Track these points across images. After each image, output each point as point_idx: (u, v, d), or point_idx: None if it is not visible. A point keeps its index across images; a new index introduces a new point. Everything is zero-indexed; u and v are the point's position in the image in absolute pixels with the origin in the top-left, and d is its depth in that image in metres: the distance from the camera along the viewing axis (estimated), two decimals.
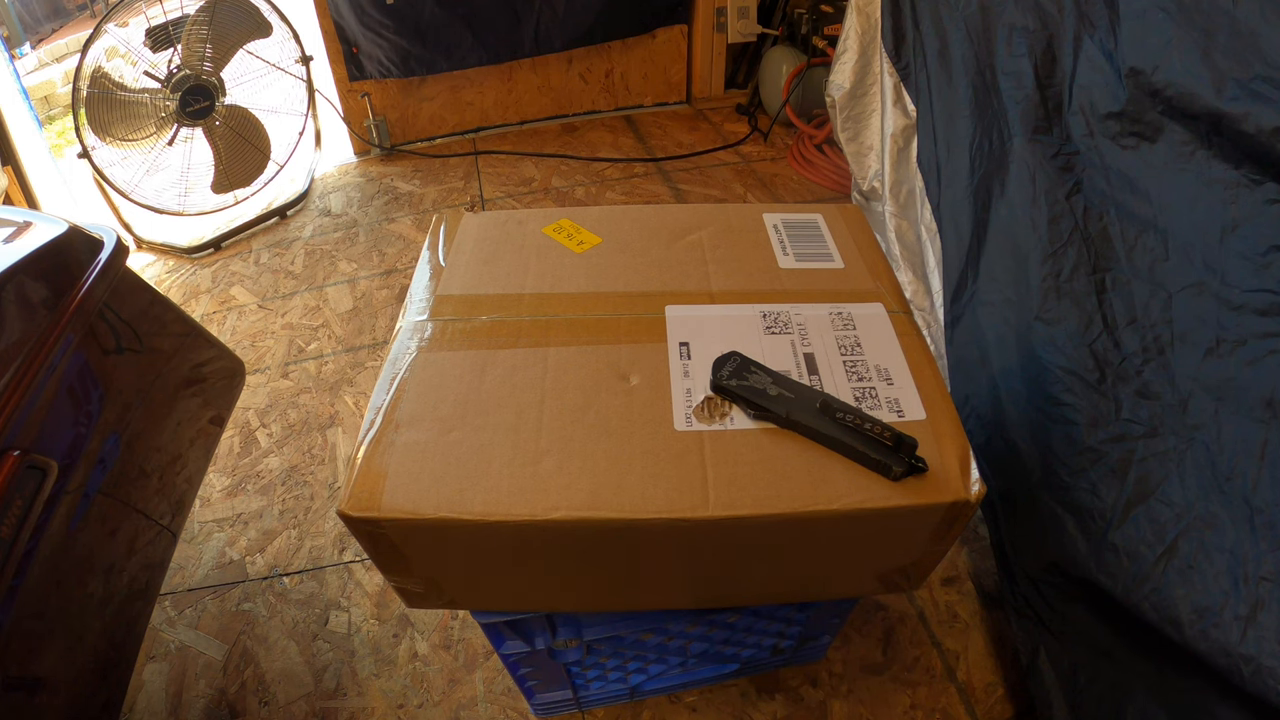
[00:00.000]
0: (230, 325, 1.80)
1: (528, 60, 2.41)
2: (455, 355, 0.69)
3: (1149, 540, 0.75)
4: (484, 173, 2.34)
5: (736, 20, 2.44)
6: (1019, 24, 1.05)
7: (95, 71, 1.76)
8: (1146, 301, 0.81)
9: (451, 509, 0.57)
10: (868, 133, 1.71)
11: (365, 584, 1.20)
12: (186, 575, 1.23)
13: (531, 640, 0.79)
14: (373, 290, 1.86)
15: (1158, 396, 0.78)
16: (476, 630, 1.12)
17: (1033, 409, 0.93)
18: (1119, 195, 0.87)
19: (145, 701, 1.07)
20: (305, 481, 1.37)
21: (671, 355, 0.68)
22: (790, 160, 2.28)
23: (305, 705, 1.05)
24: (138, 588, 0.83)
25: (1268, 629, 0.62)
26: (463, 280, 0.78)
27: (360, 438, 0.62)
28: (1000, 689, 1.02)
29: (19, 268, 0.74)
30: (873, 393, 0.65)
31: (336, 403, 1.54)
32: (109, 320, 0.83)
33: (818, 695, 1.03)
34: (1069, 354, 0.88)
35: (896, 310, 0.73)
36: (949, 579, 1.16)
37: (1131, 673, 0.78)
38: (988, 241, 1.11)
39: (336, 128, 2.44)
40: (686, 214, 0.87)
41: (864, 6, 1.58)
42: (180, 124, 1.94)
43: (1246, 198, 0.70)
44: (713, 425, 0.62)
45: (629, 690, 0.98)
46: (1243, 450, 0.68)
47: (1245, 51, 0.69)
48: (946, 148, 1.26)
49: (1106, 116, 0.88)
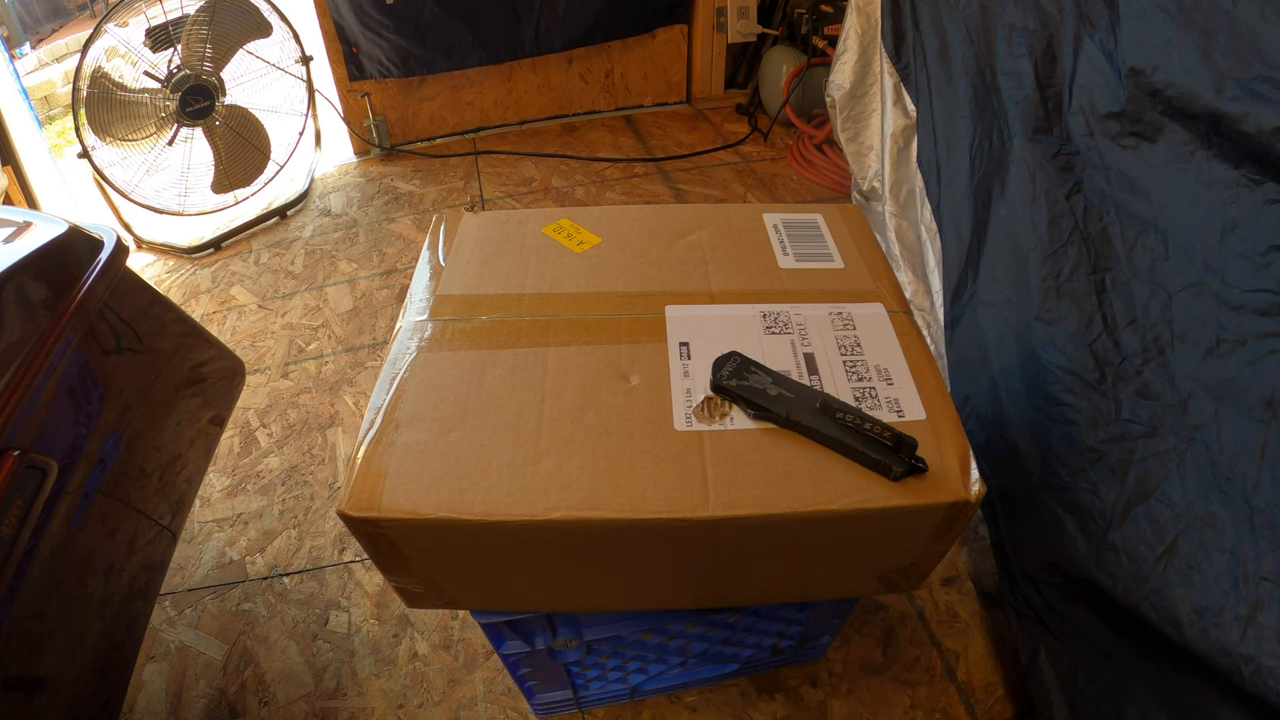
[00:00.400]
0: (230, 325, 1.80)
1: (528, 60, 2.41)
2: (455, 355, 0.69)
3: (1149, 540, 0.75)
4: (484, 173, 2.34)
5: (736, 20, 2.44)
6: (1019, 24, 1.05)
7: (95, 71, 1.76)
8: (1146, 301, 0.81)
9: (451, 509, 0.57)
10: (868, 133, 1.71)
11: (365, 584, 1.20)
12: (186, 575, 1.23)
13: (531, 640, 0.79)
14: (373, 290, 1.86)
15: (1158, 396, 0.78)
16: (476, 630, 1.12)
17: (1033, 409, 0.93)
18: (1119, 195, 0.87)
19: (145, 701, 1.07)
20: (305, 481, 1.37)
21: (671, 355, 0.68)
22: (790, 160, 2.28)
23: (305, 705, 1.05)
24: (138, 588, 0.83)
25: (1268, 629, 0.62)
26: (463, 280, 0.78)
27: (360, 438, 0.62)
28: (1000, 689, 1.02)
29: (19, 268, 0.74)
30: (873, 393, 0.65)
31: (336, 403, 1.54)
32: (109, 320, 0.83)
33: (818, 695, 1.03)
34: (1069, 354, 0.88)
35: (896, 310, 0.73)
36: (949, 579, 1.16)
37: (1131, 673, 0.78)
38: (988, 241, 1.11)
39: (336, 128, 2.44)
40: (686, 214, 0.87)
41: (864, 6, 1.58)
42: (180, 124, 1.94)
43: (1246, 198, 0.70)
44: (713, 425, 0.62)
45: (629, 690, 0.98)
46: (1243, 450, 0.68)
47: (1245, 51, 0.69)
48: (946, 148, 1.26)
49: (1106, 116, 0.88)
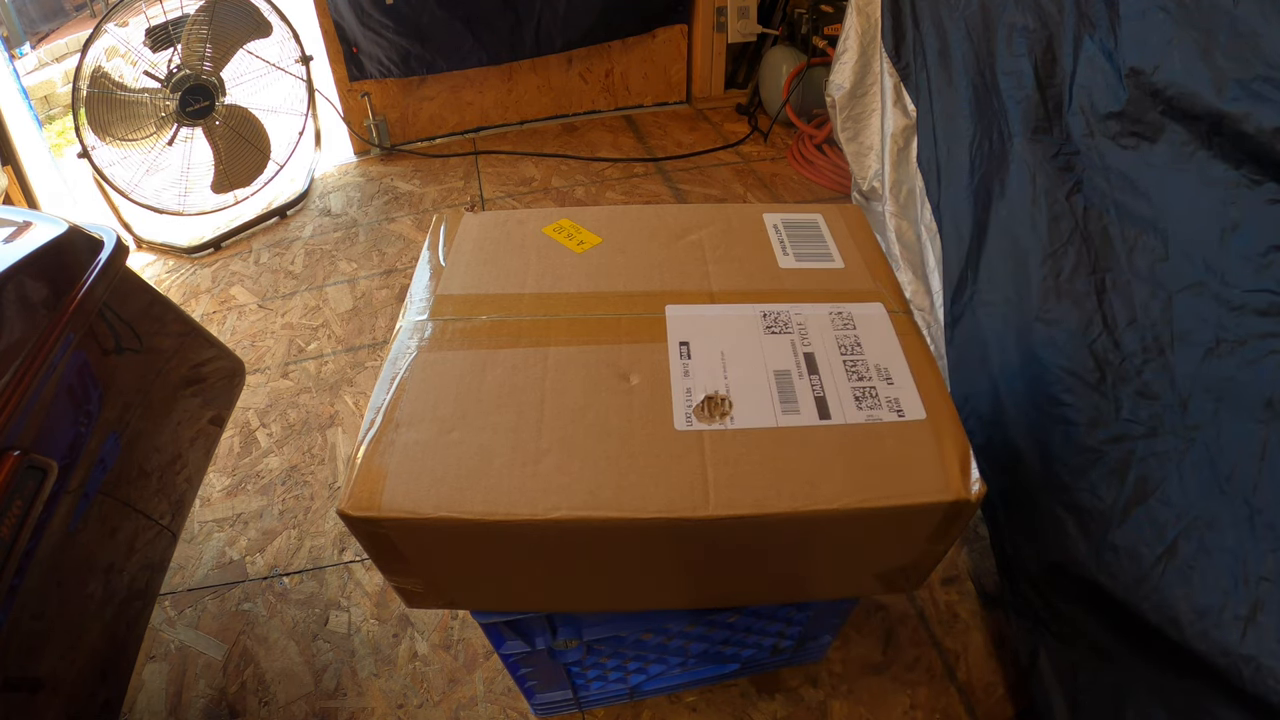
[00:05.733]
0: (230, 325, 1.80)
1: (528, 60, 2.41)
2: (455, 355, 0.69)
3: (1149, 540, 0.75)
4: (484, 172, 2.34)
5: (736, 20, 2.44)
6: (1019, 24, 1.05)
7: (95, 71, 1.76)
8: (1146, 302, 0.81)
9: (451, 509, 0.57)
10: (868, 133, 1.71)
11: (365, 584, 1.19)
12: (186, 575, 1.23)
13: (531, 640, 0.79)
14: (373, 290, 1.86)
15: (1158, 396, 0.78)
16: (476, 630, 1.12)
17: (1033, 409, 0.93)
18: (1119, 195, 0.87)
19: (145, 701, 1.07)
20: (305, 481, 1.37)
21: (672, 355, 0.68)
22: (790, 160, 2.28)
23: (305, 705, 1.05)
24: (138, 588, 0.83)
25: (1268, 629, 0.62)
26: (463, 280, 0.78)
27: (360, 437, 0.62)
28: (1000, 689, 1.02)
29: (19, 268, 0.73)
30: (873, 392, 0.65)
31: (336, 403, 1.54)
32: (109, 320, 0.83)
33: (818, 695, 1.03)
34: (1069, 354, 0.88)
35: (896, 310, 0.73)
36: (949, 579, 1.16)
37: (1131, 673, 0.78)
38: (988, 241, 1.11)
39: (336, 128, 2.44)
40: (686, 214, 0.87)
41: (864, 6, 1.58)
42: (180, 124, 1.94)
43: (1246, 198, 0.70)
44: (713, 425, 0.62)
45: (629, 690, 0.98)
46: (1243, 450, 0.68)
47: (1245, 51, 0.69)
48: (946, 148, 1.26)
49: (1107, 116, 0.88)
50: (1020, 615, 0.96)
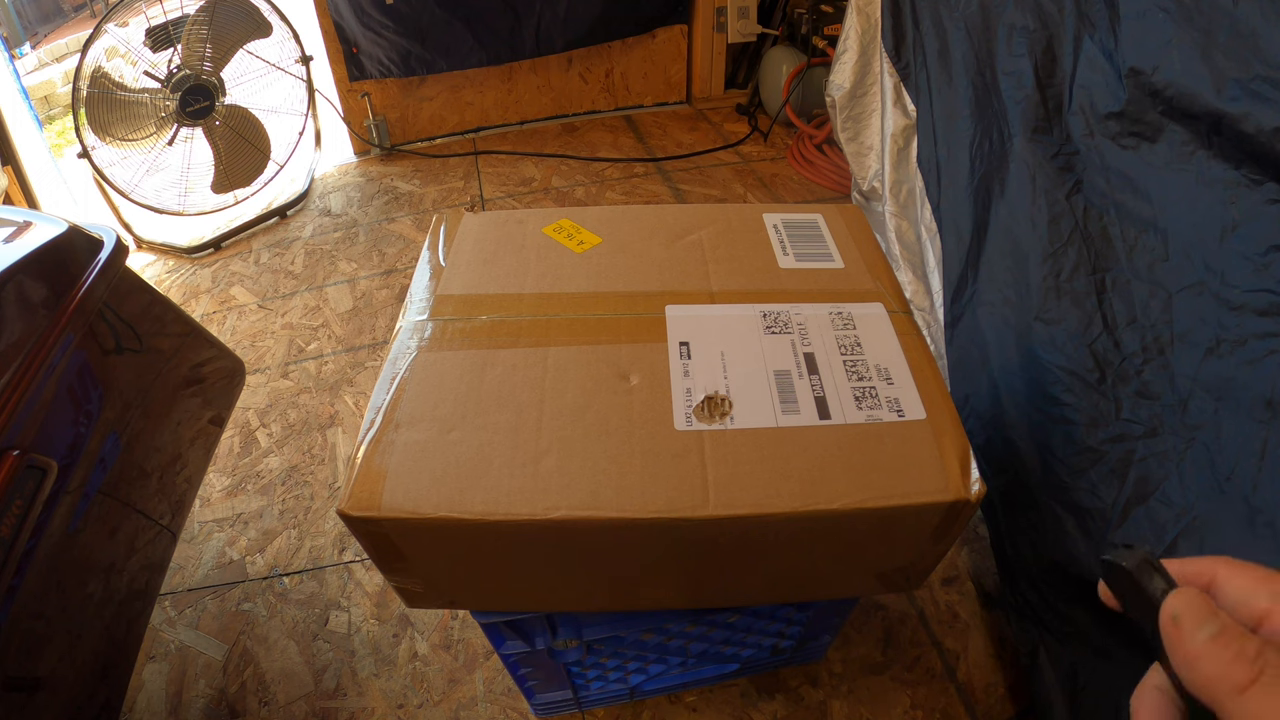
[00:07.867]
0: (230, 325, 1.80)
1: (528, 60, 2.41)
2: (455, 355, 0.69)
3: (1149, 540, 0.75)
4: (484, 173, 2.34)
5: (736, 20, 2.44)
6: (1019, 24, 1.05)
7: (95, 71, 1.76)
8: (1146, 301, 0.81)
9: (451, 509, 0.57)
10: (868, 133, 1.71)
11: (365, 584, 1.19)
12: (186, 575, 1.23)
13: (531, 640, 0.79)
14: (373, 290, 1.86)
15: (1158, 396, 0.78)
16: (476, 630, 1.12)
17: (1033, 409, 0.93)
18: (1119, 195, 0.87)
19: (145, 701, 1.07)
20: (305, 481, 1.37)
21: (671, 355, 0.68)
22: (790, 160, 2.28)
23: (305, 705, 1.05)
24: (137, 587, 0.83)
25: None
26: (463, 280, 0.78)
27: (360, 437, 0.62)
28: (1000, 689, 1.02)
29: (19, 268, 0.74)
30: (873, 392, 0.65)
31: (336, 403, 1.54)
32: (109, 320, 0.83)
33: (818, 695, 1.03)
34: (1069, 354, 0.88)
35: (896, 310, 0.73)
36: (949, 579, 1.16)
37: (1131, 673, 0.78)
38: (988, 241, 1.11)
39: (336, 128, 2.44)
40: (686, 214, 0.87)
41: (864, 6, 1.58)
42: (180, 124, 1.94)
43: (1246, 198, 0.70)
44: (713, 425, 0.62)
45: (629, 690, 0.98)
46: (1243, 450, 0.68)
47: (1245, 51, 0.69)
48: (946, 148, 1.26)
49: (1106, 116, 0.88)
50: (1020, 615, 0.96)
